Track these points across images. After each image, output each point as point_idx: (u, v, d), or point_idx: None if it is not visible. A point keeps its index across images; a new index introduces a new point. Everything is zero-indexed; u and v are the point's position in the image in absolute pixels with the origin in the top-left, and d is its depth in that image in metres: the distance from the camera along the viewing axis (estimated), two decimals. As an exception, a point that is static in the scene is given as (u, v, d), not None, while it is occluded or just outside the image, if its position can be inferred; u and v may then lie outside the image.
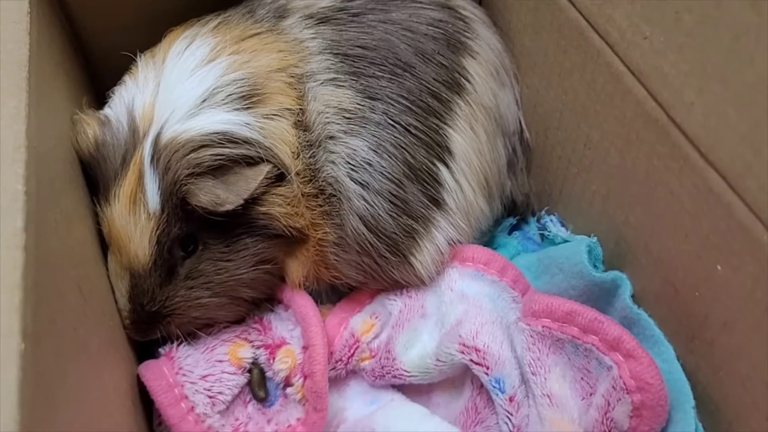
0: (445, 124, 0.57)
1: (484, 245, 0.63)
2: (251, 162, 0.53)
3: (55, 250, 0.43)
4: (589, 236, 0.58)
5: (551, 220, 0.63)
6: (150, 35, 0.61)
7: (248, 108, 0.54)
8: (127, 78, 0.57)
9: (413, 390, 0.59)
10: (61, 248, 0.44)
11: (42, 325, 0.36)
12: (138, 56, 0.58)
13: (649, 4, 0.44)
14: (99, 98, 0.63)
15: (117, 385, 0.51)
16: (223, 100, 0.53)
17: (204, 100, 0.53)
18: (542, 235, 0.65)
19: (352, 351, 0.59)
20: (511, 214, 0.67)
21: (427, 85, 0.57)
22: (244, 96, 0.54)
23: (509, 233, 0.67)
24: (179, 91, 0.54)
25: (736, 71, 0.39)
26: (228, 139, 0.52)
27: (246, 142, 0.53)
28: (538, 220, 0.65)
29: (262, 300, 0.60)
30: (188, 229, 0.54)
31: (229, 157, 0.52)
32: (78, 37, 0.64)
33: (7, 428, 0.30)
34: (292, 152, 0.55)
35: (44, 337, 0.36)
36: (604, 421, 0.48)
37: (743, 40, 0.38)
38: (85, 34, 0.64)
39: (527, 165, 0.66)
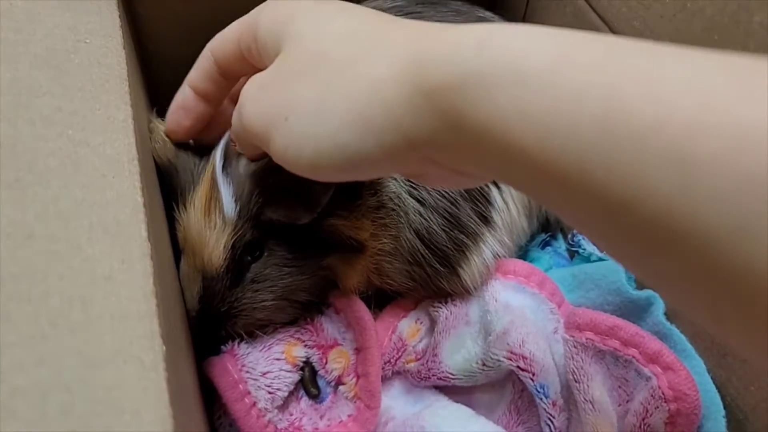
0: (497, 147, 0.61)
1: (519, 258, 0.68)
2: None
3: (163, 257, 0.46)
4: (624, 256, 0.63)
5: (584, 239, 0.68)
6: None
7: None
8: None
9: (454, 392, 0.63)
10: (164, 254, 0.48)
11: (167, 328, 0.39)
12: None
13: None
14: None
15: (193, 381, 0.54)
16: None
17: None
18: (571, 252, 0.70)
19: (399, 353, 0.63)
20: (544, 230, 0.72)
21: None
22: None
23: (542, 248, 0.72)
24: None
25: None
26: None
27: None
28: (570, 238, 0.70)
29: (314, 302, 0.63)
30: (257, 235, 0.57)
31: None
32: (143, 47, 0.67)
33: (164, 424, 0.33)
34: (359, 168, 0.58)
35: (170, 339, 0.40)
36: (642, 426, 0.54)
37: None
38: (151, 45, 0.67)
39: (560, 185, 0.71)
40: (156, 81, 0.69)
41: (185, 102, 0.54)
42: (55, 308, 0.34)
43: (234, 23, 0.50)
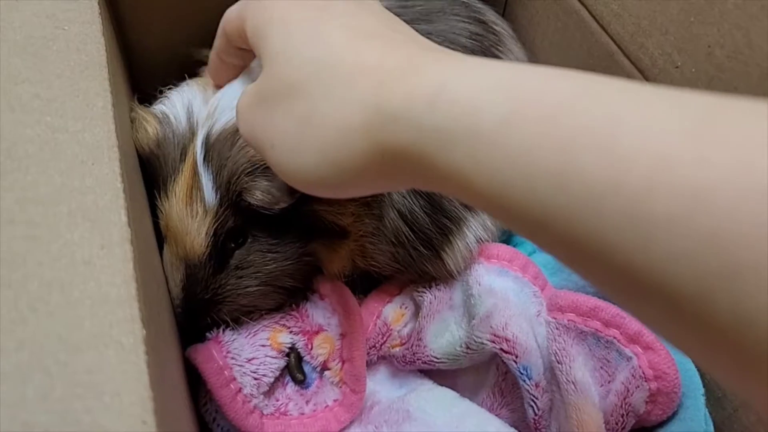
0: (479, 131, 0.62)
1: (504, 243, 0.68)
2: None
3: (144, 243, 0.46)
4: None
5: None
6: (193, 36, 0.64)
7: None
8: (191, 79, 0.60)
9: (439, 375, 0.64)
10: (146, 241, 0.48)
11: (148, 313, 0.40)
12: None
13: (682, 37, 0.50)
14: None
15: (177, 366, 0.54)
16: None
17: None
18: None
19: (384, 338, 0.63)
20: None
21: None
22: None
23: (525, 232, 0.72)
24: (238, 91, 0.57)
25: (763, 104, 0.44)
26: None
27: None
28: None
29: (299, 289, 0.64)
30: (240, 222, 0.57)
31: None
32: (124, 35, 0.66)
33: (144, 405, 0.33)
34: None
35: (151, 324, 0.40)
36: (623, 405, 0.54)
37: (771, 78, 0.43)
38: (132, 33, 0.66)
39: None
40: (137, 69, 0.69)
41: (215, 67, 0.57)
42: (34, 293, 0.34)
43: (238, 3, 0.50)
